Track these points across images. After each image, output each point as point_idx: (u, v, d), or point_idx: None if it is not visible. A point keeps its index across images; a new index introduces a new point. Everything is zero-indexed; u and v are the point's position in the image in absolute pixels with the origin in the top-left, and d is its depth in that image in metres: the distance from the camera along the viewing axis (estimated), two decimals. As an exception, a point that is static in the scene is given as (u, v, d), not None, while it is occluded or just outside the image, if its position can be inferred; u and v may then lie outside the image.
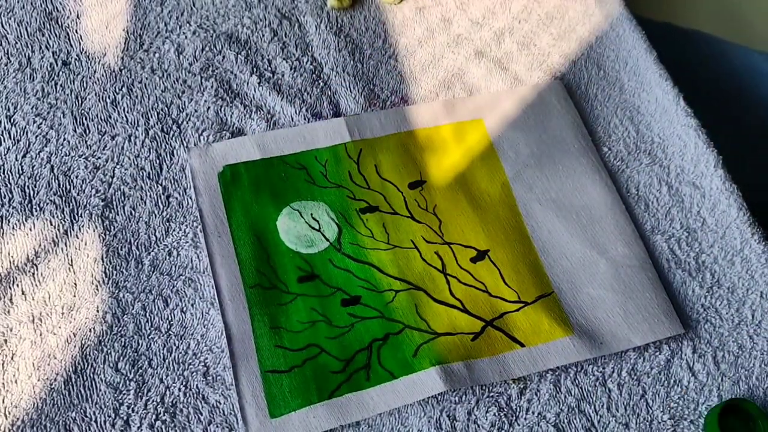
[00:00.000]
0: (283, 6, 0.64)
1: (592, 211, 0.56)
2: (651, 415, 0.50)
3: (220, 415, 0.47)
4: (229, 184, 0.55)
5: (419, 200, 0.56)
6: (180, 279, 0.52)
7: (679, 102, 0.61)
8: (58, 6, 0.63)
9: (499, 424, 0.49)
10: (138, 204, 0.54)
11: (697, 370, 0.51)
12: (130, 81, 0.59)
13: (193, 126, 0.58)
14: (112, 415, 0.47)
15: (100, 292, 0.51)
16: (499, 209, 0.56)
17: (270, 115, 0.59)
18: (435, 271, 0.53)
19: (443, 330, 0.51)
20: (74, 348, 0.49)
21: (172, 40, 0.62)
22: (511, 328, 0.51)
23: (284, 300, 0.51)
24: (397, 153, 0.58)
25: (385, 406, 0.48)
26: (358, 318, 0.51)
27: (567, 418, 0.49)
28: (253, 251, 0.52)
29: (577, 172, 0.58)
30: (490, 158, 0.58)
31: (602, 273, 0.54)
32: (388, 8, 0.65)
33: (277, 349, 0.49)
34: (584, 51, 0.64)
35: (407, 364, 0.49)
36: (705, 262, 0.55)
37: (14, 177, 0.54)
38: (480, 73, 0.62)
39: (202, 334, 0.50)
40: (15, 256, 0.51)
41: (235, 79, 0.60)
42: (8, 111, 0.57)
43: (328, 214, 0.55)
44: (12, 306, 0.50)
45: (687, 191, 0.58)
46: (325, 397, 0.48)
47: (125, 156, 0.56)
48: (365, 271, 0.53)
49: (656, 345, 0.52)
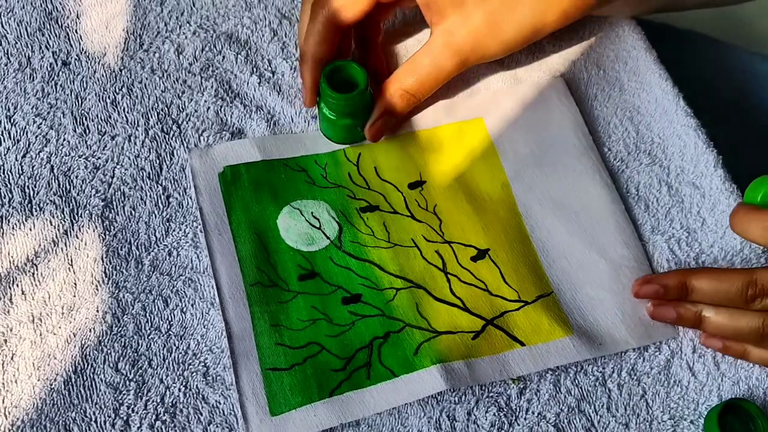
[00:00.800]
0: (283, 6, 0.65)
1: (591, 211, 0.56)
2: (651, 415, 0.50)
3: (220, 416, 0.47)
4: (229, 184, 0.55)
5: (419, 200, 0.56)
6: (180, 279, 0.52)
7: (679, 102, 0.61)
8: (58, 6, 0.63)
9: (499, 424, 0.49)
10: (138, 204, 0.54)
11: (697, 370, 0.51)
12: (130, 81, 0.59)
13: (193, 126, 0.58)
14: (112, 415, 0.47)
15: (100, 292, 0.50)
16: (499, 209, 0.56)
17: (270, 116, 0.59)
18: (435, 269, 0.53)
19: (444, 328, 0.51)
20: (74, 348, 0.49)
21: (172, 40, 0.62)
22: (511, 327, 0.51)
23: (285, 298, 0.51)
24: (396, 155, 0.58)
25: (386, 404, 0.48)
26: (358, 316, 0.51)
27: (567, 418, 0.49)
28: (254, 249, 0.52)
29: (577, 172, 0.58)
30: (490, 158, 0.58)
31: (601, 273, 0.54)
32: (388, 8, 0.65)
33: (278, 347, 0.49)
34: (584, 51, 0.65)
35: (408, 363, 0.49)
36: (705, 262, 0.55)
37: (14, 177, 0.54)
38: (479, 73, 0.63)
39: (202, 334, 0.50)
40: (15, 256, 0.51)
41: (235, 79, 0.60)
42: (8, 111, 0.57)
43: (329, 213, 0.55)
44: (12, 306, 0.49)
45: (687, 191, 0.58)
46: (325, 395, 0.48)
47: (125, 156, 0.56)
48: (366, 269, 0.53)
49: (656, 345, 0.52)
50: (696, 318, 0.50)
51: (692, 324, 0.51)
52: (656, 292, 0.51)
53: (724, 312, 0.49)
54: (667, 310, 0.51)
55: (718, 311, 0.50)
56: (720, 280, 0.49)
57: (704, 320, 0.50)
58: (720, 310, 0.50)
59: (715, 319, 0.50)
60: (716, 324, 0.49)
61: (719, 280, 0.49)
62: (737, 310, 0.49)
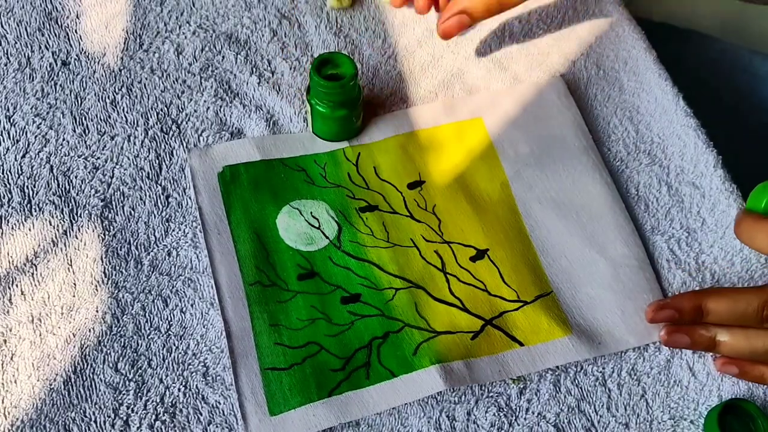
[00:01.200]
0: (283, 6, 0.65)
1: (591, 210, 0.56)
2: (651, 415, 0.50)
3: (219, 416, 0.47)
4: (228, 183, 0.55)
5: (418, 200, 0.56)
6: (179, 279, 0.52)
7: (679, 102, 0.61)
8: (57, 6, 0.63)
9: (499, 424, 0.48)
10: (137, 204, 0.54)
11: (697, 370, 0.51)
12: (129, 81, 0.59)
13: (192, 126, 0.58)
14: (111, 415, 0.47)
15: (99, 293, 0.50)
16: (499, 208, 0.56)
17: (269, 115, 0.59)
18: (435, 269, 0.53)
19: (443, 328, 0.51)
20: (74, 348, 0.49)
21: (172, 40, 0.62)
22: (510, 327, 0.51)
23: (284, 297, 0.51)
24: (395, 155, 0.58)
25: (385, 404, 0.48)
26: (357, 316, 0.51)
27: (567, 418, 0.49)
28: (253, 249, 0.52)
29: (577, 171, 0.58)
30: (489, 157, 0.58)
31: (601, 273, 0.54)
32: (388, 8, 0.65)
33: (277, 347, 0.49)
34: (584, 51, 0.65)
35: (407, 363, 0.49)
36: (705, 262, 0.55)
37: (13, 177, 0.54)
38: (479, 73, 0.63)
39: (202, 334, 0.50)
40: (14, 257, 0.51)
41: (235, 79, 0.60)
42: (7, 111, 0.57)
43: (328, 213, 0.55)
44: (11, 306, 0.49)
45: (687, 191, 0.58)
46: (324, 395, 0.48)
47: (125, 156, 0.56)
48: (365, 268, 0.53)
49: (656, 345, 0.52)
50: (711, 342, 0.49)
51: (707, 348, 0.50)
52: (671, 317, 0.50)
53: (739, 334, 0.48)
54: (681, 337, 0.50)
55: (733, 333, 0.49)
56: (736, 300, 0.48)
57: (719, 344, 0.49)
58: (735, 331, 0.49)
59: (730, 341, 0.48)
60: (732, 346, 0.49)
61: (735, 301, 0.48)
62: (753, 331, 0.48)
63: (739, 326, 0.48)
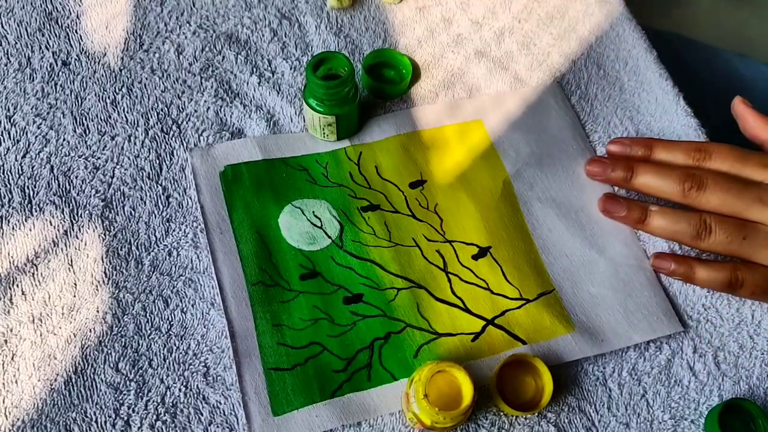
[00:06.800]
0: (283, 6, 0.65)
1: (591, 210, 0.56)
2: (651, 415, 0.50)
3: (220, 416, 0.47)
4: (230, 183, 0.55)
5: (420, 199, 0.56)
6: (180, 279, 0.51)
7: (679, 102, 0.61)
8: (57, 6, 0.63)
9: (500, 423, 0.49)
10: (138, 204, 0.54)
11: (698, 369, 0.51)
12: (129, 81, 0.59)
13: (192, 126, 0.58)
14: (112, 415, 0.47)
15: (100, 293, 0.50)
16: (501, 206, 0.56)
17: (270, 115, 0.59)
18: (436, 269, 0.53)
19: (444, 330, 0.51)
20: (74, 348, 0.48)
21: (172, 40, 0.62)
22: (512, 325, 0.51)
23: (286, 297, 0.51)
24: (397, 154, 0.58)
25: (385, 408, 0.48)
26: (360, 316, 0.51)
27: (567, 418, 0.49)
28: (255, 248, 0.52)
29: (575, 172, 0.58)
30: (490, 157, 0.58)
31: (602, 271, 0.54)
32: (388, 8, 0.65)
33: (280, 347, 0.49)
34: (584, 51, 0.65)
35: (408, 366, 0.49)
36: (705, 260, 0.55)
37: (14, 177, 0.54)
38: (480, 72, 0.63)
39: (203, 334, 0.50)
40: (15, 257, 0.51)
41: (235, 79, 0.60)
42: (8, 111, 0.57)
43: (330, 212, 0.55)
44: (12, 306, 0.49)
45: (687, 191, 0.58)
46: (327, 396, 0.48)
47: (125, 156, 0.56)
48: (367, 268, 0.53)
49: (657, 345, 0.52)
50: (643, 213, 0.54)
51: (638, 220, 0.54)
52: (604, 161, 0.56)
53: (669, 211, 0.53)
54: (618, 204, 0.55)
55: (664, 211, 0.53)
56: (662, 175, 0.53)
57: (650, 215, 0.53)
58: (666, 209, 0.53)
59: (660, 214, 0.53)
60: (659, 222, 0.53)
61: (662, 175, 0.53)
62: (682, 212, 0.52)
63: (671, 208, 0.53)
